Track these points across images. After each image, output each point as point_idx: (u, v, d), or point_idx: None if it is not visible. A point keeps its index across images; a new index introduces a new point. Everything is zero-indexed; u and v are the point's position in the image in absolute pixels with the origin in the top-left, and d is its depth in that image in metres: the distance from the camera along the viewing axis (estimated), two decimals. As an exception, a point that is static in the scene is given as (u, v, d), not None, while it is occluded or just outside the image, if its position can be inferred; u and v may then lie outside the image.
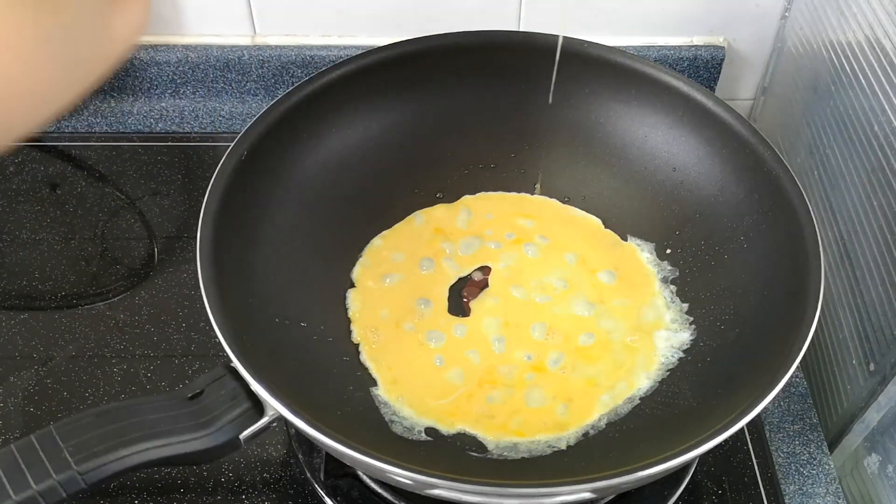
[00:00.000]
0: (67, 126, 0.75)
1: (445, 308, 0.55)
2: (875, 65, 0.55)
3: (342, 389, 0.50)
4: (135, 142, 0.73)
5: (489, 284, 0.57)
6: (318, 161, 0.57)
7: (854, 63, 0.58)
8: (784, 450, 0.54)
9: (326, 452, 0.50)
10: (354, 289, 0.56)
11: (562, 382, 0.51)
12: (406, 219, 0.60)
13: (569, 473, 0.38)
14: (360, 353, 0.52)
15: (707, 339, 0.52)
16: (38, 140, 0.74)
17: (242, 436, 0.40)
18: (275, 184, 0.54)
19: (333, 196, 0.57)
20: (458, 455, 0.48)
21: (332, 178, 0.57)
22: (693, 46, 0.74)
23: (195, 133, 0.75)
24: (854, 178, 0.57)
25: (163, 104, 0.77)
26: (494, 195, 0.62)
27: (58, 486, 0.36)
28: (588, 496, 0.39)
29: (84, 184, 0.70)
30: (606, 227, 0.60)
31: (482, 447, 0.48)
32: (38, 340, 0.58)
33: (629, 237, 0.59)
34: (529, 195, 0.62)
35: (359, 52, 0.57)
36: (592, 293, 0.56)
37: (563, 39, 0.58)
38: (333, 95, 0.56)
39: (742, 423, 0.39)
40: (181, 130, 0.75)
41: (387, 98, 0.59)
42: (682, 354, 0.52)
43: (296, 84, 0.54)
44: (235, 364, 0.41)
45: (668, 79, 0.57)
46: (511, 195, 0.62)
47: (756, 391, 0.41)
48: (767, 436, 0.55)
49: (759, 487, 0.51)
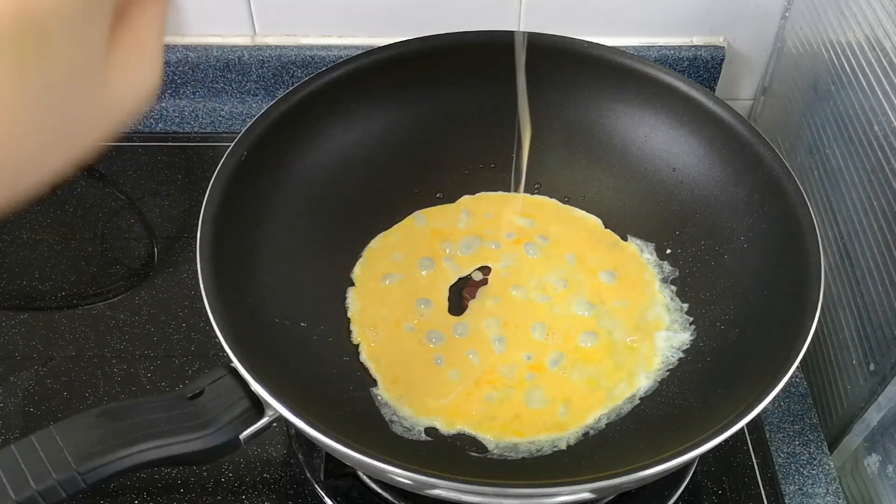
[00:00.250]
0: (67, 126, 0.75)
1: (445, 308, 0.55)
2: (875, 65, 0.55)
3: (342, 389, 0.50)
4: (135, 142, 0.73)
5: (489, 284, 0.57)
6: (318, 161, 0.57)
7: (854, 63, 0.58)
8: (784, 450, 0.54)
9: (326, 452, 0.50)
10: (354, 289, 0.56)
11: (562, 383, 0.51)
12: (406, 219, 0.60)
13: (569, 473, 0.38)
14: (360, 353, 0.52)
15: (707, 340, 0.52)
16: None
17: (242, 436, 0.40)
18: (275, 184, 0.54)
19: (333, 196, 0.57)
20: (458, 455, 0.48)
21: (332, 178, 0.57)
22: (693, 46, 0.74)
23: (195, 133, 0.75)
24: (854, 178, 0.57)
25: (163, 104, 0.77)
26: (494, 195, 0.62)
27: (58, 486, 0.36)
28: (588, 496, 0.39)
29: (84, 184, 0.70)
30: (606, 227, 0.60)
31: (482, 447, 0.48)
32: (38, 340, 0.58)
33: (629, 237, 0.59)
34: (529, 195, 0.62)
35: (359, 52, 0.57)
36: (592, 293, 0.56)
37: (563, 39, 0.58)
38: (333, 95, 0.56)
39: (742, 423, 0.39)
40: (181, 130, 0.75)
41: (387, 98, 0.59)
42: (682, 355, 0.52)
43: (296, 84, 0.54)
44: (235, 364, 0.41)
45: (668, 79, 0.57)
46: (511, 195, 0.62)
47: (756, 391, 0.41)
48: (767, 436, 0.55)
49: (759, 487, 0.51)
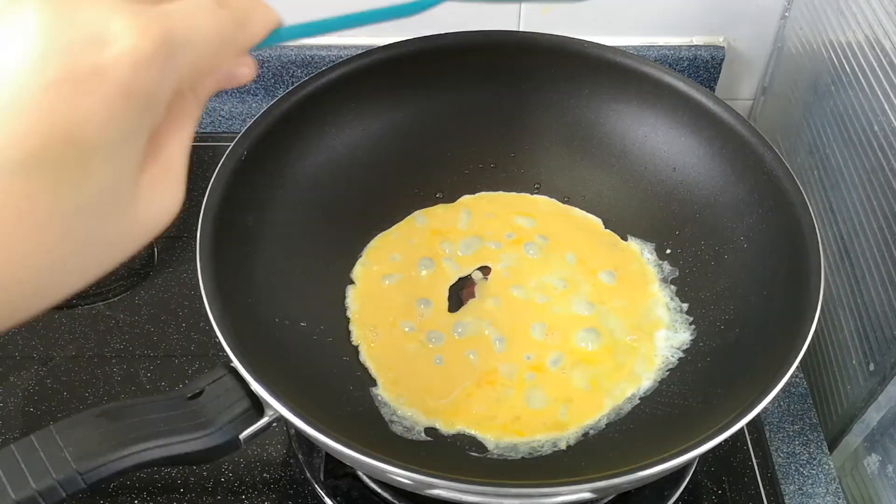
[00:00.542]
0: (67, 126, 0.75)
1: (445, 308, 0.55)
2: (875, 65, 0.55)
3: (342, 389, 0.50)
4: (135, 142, 0.73)
5: (489, 284, 0.57)
6: (318, 161, 0.57)
7: (854, 63, 0.58)
8: (784, 450, 0.54)
9: (326, 452, 0.50)
10: (354, 288, 0.56)
11: (562, 382, 0.51)
12: (406, 219, 0.60)
13: (569, 473, 0.38)
14: (360, 353, 0.52)
15: (707, 339, 0.52)
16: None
17: (242, 436, 0.40)
18: (275, 184, 0.54)
19: (333, 196, 0.57)
20: (458, 455, 0.48)
21: (332, 178, 0.57)
22: (693, 46, 0.74)
23: (195, 133, 0.75)
24: (854, 178, 0.57)
25: (163, 104, 0.77)
26: (494, 195, 0.62)
27: (58, 486, 0.36)
28: (588, 496, 0.39)
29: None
30: (606, 228, 0.60)
31: (482, 447, 0.48)
32: (38, 340, 0.58)
33: (629, 237, 0.59)
34: (529, 195, 0.62)
35: (359, 52, 0.57)
36: (592, 293, 0.56)
37: (563, 39, 0.58)
38: (333, 95, 0.56)
39: (742, 423, 0.39)
40: (181, 130, 0.75)
41: (387, 98, 0.59)
42: (682, 354, 0.52)
43: (296, 84, 0.54)
44: (235, 364, 0.41)
45: (669, 79, 0.56)
46: (511, 195, 0.62)
47: (756, 391, 0.41)
48: (767, 436, 0.55)
49: (759, 487, 0.51)
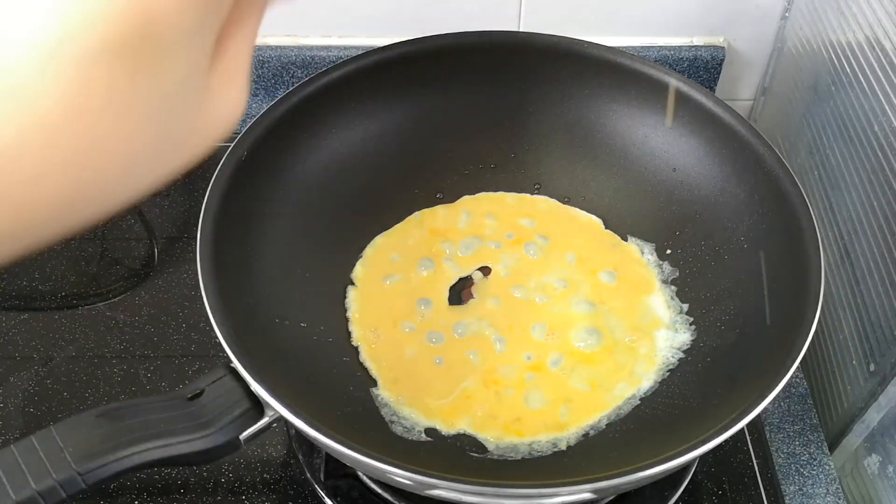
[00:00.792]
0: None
1: (445, 308, 0.55)
2: (875, 65, 0.55)
3: (342, 390, 0.50)
4: (135, 142, 0.73)
5: (489, 285, 0.57)
6: (318, 161, 0.57)
7: (854, 63, 0.58)
8: (784, 450, 0.54)
9: (326, 453, 0.50)
10: (354, 289, 0.56)
11: (562, 383, 0.51)
12: (406, 219, 0.60)
13: (569, 473, 0.38)
14: (360, 354, 0.52)
15: (707, 340, 0.52)
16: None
17: (242, 436, 0.40)
18: (275, 184, 0.54)
19: (333, 196, 0.57)
20: (458, 455, 0.48)
21: (332, 178, 0.57)
22: (693, 46, 0.74)
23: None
24: (854, 178, 0.57)
25: (163, 104, 0.77)
26: (494, 195, 0.62)
27: (58, 487, 0.36)
28: (588, 496, 0.39)
29: (84, 184, 0.70)
30: (606, 228, 0.60)
31: (482, 447, 0.48)
32: (38, 340, 0.58)
33: (629, 237, 0.59)
34: (529, 195, 0.62)
35: (359, 53, 0.57)
36: (592, 293, 0.56)
37: (563, 39, 0.58)
38: (333, 95, 0.56)
39: (742, 424, 0.39)
40: (181, 130, 0.75)
41: (387, 98, 0.59)
42: (683, 355, 0.52)
43: (296, 84, 0.54)
44: (235, 364, 0.41)
45: (669, 79, 0.56)
46: (511, 195, 0.62)
47: (756, 391, 0.41)
48: (767, 436, 0.55)
49: (760, 488, 0.51)
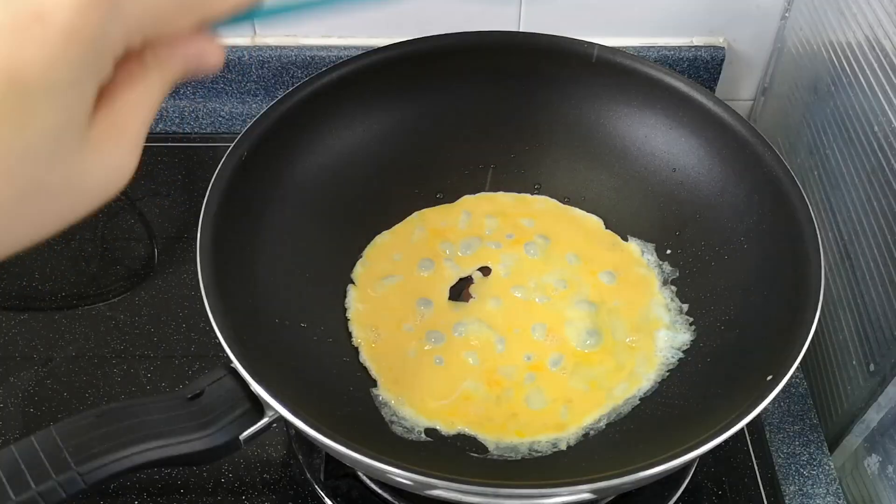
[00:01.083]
0: (67, 126, 0.75)
1: (445, 308, 0.55)
2: (875, 65, 0.55)
3: (342, 390, 0.50)
4: (135, 142, 0.73)
5: (489, 285, 0.57)
6: (318, 161, 0.57)
7: (854, 63, 0.58)
8: (784, 450, 0.54)
9: (326, 453, 0.50)
10: (354, 289, 0.56)
11: (562, 383, 0.51)
12: (406, 219, 0.60)
13: (569, 473, 0.38)
14: (360, 354, 0.52)
15: (707, 340, 0.52)
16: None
17: (242, 436, 0.40)
18: (275, 184, 0.54)
19: (333, 196, 0.57)
20: (458, 455, 0.48)
21: (332, 179, 0.57)
22: (693, 47, 0.74)
23: (195, 133, 0.75)
24: (854, 178, 0.57)
25: (163, 104, 0.77)
26: (494, 195, 0.62)
27: (58, 487, 0.36)
28: (588, 496, 0.39)
29: (84, 184, 0.70)
30: (607, 228, 0.60)
31: (482, 448, 0.48)
32: (38, 340, 0.58)
33: (629, 238, 0.59)
34: (529, 195, 0.62)
35: (359, 52, 0.57)
36: (593, 294, 0.56)
37: (563, 39, 0.58)
38: (333, 96, 0.56)
39: (742, 424, 0.39)
40: (181, 131, 0.75)
41: (387, 98, 0.59)
42: (682, 355, 0.52)
43: (296, 84, 0.54)
44: (235, 364, 0.41)
45: (668, 79, 0.56)
46: (511, 195, 0.62)
47: (756, 391, 0.41)
48: (767, 436, 0.55)
49: (759, 488, 0.51)
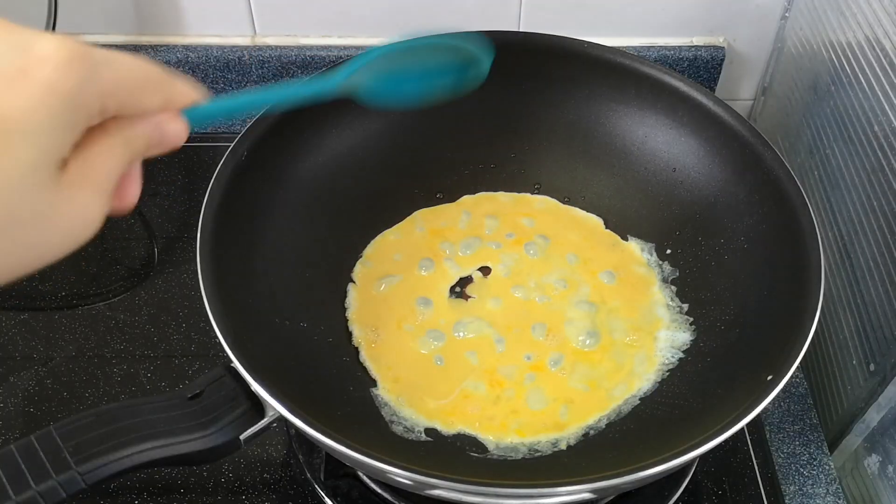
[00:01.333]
0: (67, 126, 0.75)
1: (445, 308, 0.55)
2: (875, 65, 0.55)
3: (342, 390, 0.50)
4: (135, 142, 0.73)
5: (489, 285, 0.57)
6: (318, 161, 0.57)
7: (854, 63, 0.58)
8: (784, 450, 0.54)
9: (326, 453, 0.50)
10: (355, 289, 0.56)
11: (562, 383, 0.51)
12: (406, 219, 0.60)
13: (569, 473, 0.38)
14: (360, 354, 0.52)
15: (707, 340, 0.52)
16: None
17: (242, 436, 0.40)
18: (275, 184, 0.54)
19: (333, 196, 0.57)
20: (458, 455, 0.48)
21: (332, 178, 0.57)
22: (693, 46, 0.74)
23: (195, 133, 0.74)
24: (854, 178, 0.57)
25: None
26: (494, 195, 0.62)
27: (58, 487, 0.36)
28: (588, 496, 0.39)
29: (84, 184, 0.70)
30: (606, 228, 0.60)
31: (482, 447, 0.48)
32: (38, 340, 0.58)
33: (629, 237, 0.59)
34: (529, 195, 0.62)
35: (359, 52, 0.57)
36: (593, 293, 0.56)
37: (563, 39, 0.58)
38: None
39: (742, 424, 0.39)
40: (181, 130, 0.75)
41: (387, 98, 0.59)
42: (682, 355, 0.52)
43: (296, 84, 0.54)
44: (235, 364, 0.40)
45: (668, 79, 0.56)
46: (511, 195, 0.62)
47: (756, 391, 0.41)
48: (767, 436, 0.55)
49: (760, 488, 0.51)
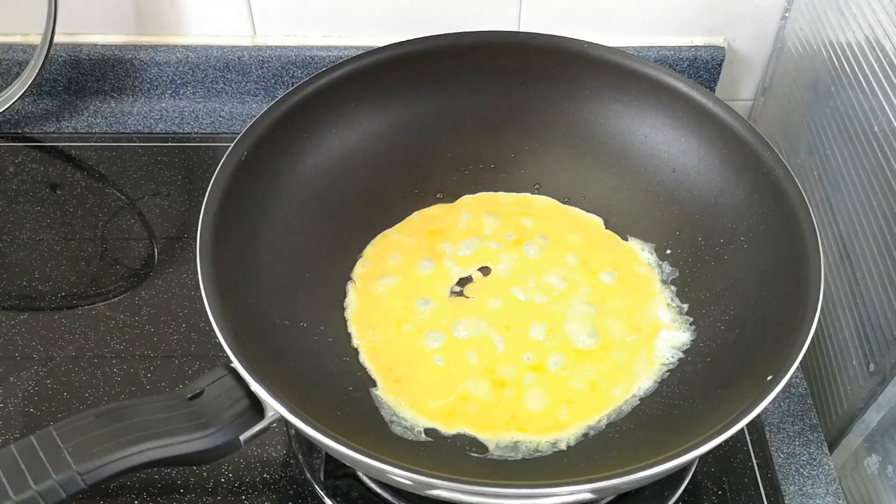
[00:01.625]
0: (67, 126, 0.75)
1: (445, 308, 0.55)
2: (875, 65, 0.55)
3: (342, 390, 0.50)
4: (135, 142, 0.73)
5: (489, 285, 0.57)
6: (318, 161, 0.57)
7: (854, 63, 0.58)
8: (784, 450, 0.54)
9: (326, 453, 0.50)
10: (355, 289, 0.56)
11: (562, 383, 0.51)
12: (406, 219, 0.60)
13: (569, 473, 0.38)
14: (360, 354, 0.52)
15: (707, 340, 0.52)
16: (38, 140, 0.74)
17: (242, 436, 0.40)
18: (275, 184, 0.54)
19: (333, 196, 0.57)
20: (458, 455, 0.48)
21: (332, 179, 0.57)
22: (693, 46, 0.74)
23: (195, 133, 0.75)
24: (854, 178, 0.57)
25: (163, 104, 0.77)
26: (494, 195, 0.62)
27: (58, 487, 0.36)
28: (588, 496, 0.39)
29: (84, 184, 0.70)
30: (607, 228, 0.60)
31: (482, 447, 0.48)
32: (38, 340, 0.58)
33: (629, 237, 0.59)
34: (529, 195, 0.62)
35: (359, 52, 0.57)
36: (592, 294, 0.56)
37: (563, 39, 0.58)
38: (333, 95, 0.56)
39: (742, 424, 0.39)
40: (181, 131, 0.75)
41: (387, 98, 0.59)
42: (682, 355, 0.52)
43: (296, 84, 0.54)
44: (235, 364, 0.41)
45: (668, 79, 0.57)
46: (511, 195, 0.62)
47: (756, 391, 0.41)
48: (767, 436, 0.55)
49: (759, 488, 0.51)
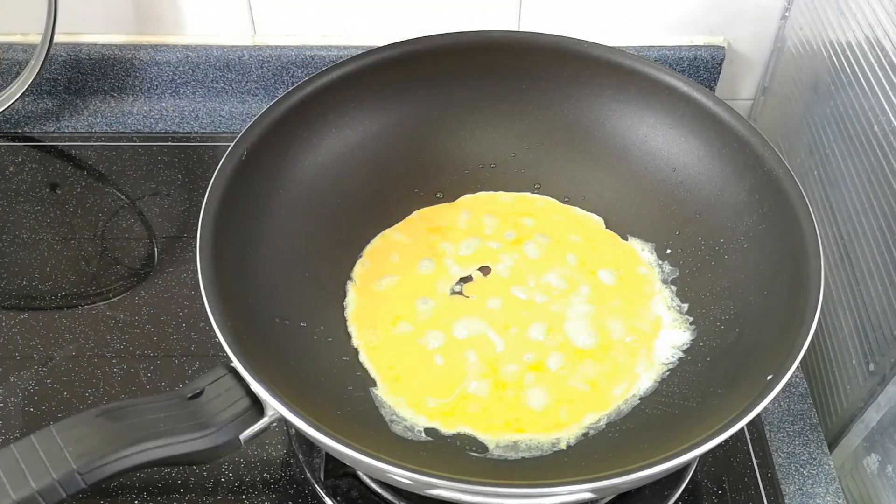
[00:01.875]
0: (67, 126, 0.75)
1: (445, 308, 0.55)
2: (875, 65, 0.55)
3: (342, 389, 0.50)
4: (135, 142, 0.73)
5: (489, 285, 0.57)
6: (318, 161, 0.57)
7: (854, 63, 0.58)
8: (784, 450, 0.54)
9: (326, 452, 0.50)
10: (354, 288, 0.56)
11: (562, 383, 0.51)
12: (406, 219, 0.60)
13: (569, 473, 0.38)
14: (360, 353, 0.52)
15: (707, 340, 0.52)
16: (38, 140, 0.74)
17: (242, 436, 0.40)
18: (275, 184, 0.54)
19: (333, 196, 0.57)
20: (458, 455, 0.48)
21: (332, 178, 0.57)
22: (693, 46, 0.74)
23: (195, 133, 0.75)
24: (854, 178, 0.57)
25: (163, 104, 0.77)
26: (494, 195, 0.62)
27: (58, 486, 0.36)
28: (588, 496, 0.39)
29: (84, 183, 0.70)
30: (607, 228, 0.60)
31: (482, 447, 0.48)
32: (38, 340, 0.58)
33: (629, 237, 0.59)
34: (529, 195, 0.62)
35: (359, 52, 0.57)
36: (592, 293, 0.56)
37: (563, 39, 0.58)
38: (333, 95, 0.56)
39: (742, 424, 0.39)
40: (181, 130, 0.75)
41: (387, 98, 0.59)
42: (683, 354, 0.52)
43: (296, 84, 0.54)
44: (235, 364, 0.41)
45: (668, 79, 0.57)
46: (511, 195, 0.62)
47: (756, 391, 0.41)
48: (767, 436, 0.55)
49: (759, 487, 0.51)
